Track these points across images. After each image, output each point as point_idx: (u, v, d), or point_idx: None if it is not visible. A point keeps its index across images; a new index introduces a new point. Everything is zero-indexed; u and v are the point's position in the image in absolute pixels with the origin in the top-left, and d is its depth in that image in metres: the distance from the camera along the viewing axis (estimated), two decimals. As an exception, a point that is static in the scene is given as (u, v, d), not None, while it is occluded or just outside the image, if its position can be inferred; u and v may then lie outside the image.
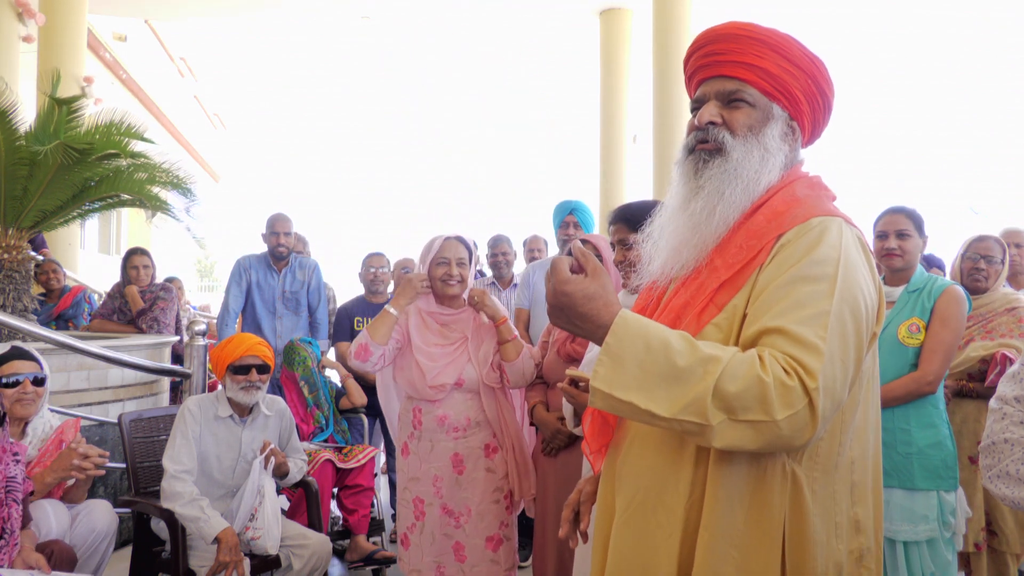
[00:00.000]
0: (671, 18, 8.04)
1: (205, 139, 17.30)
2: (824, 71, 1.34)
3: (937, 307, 2.53)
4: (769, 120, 1.32)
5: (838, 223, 1.24)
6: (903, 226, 2.64)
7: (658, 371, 1.12)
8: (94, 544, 2.68)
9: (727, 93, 1.32)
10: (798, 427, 1.10)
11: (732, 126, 1.31)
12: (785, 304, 1.16)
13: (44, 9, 7.76)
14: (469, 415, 2.69)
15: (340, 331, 4.61)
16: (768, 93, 1.32)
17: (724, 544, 1.20)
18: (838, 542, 1.23)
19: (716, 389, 1.10)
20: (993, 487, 1.28)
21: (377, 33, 11.06)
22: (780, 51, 1.31)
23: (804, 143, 1.40)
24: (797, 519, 1.20)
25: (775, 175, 1.31)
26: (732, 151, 1.29)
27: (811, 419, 1.10)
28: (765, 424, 1.10)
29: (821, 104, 1.36)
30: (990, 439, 1.29)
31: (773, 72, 1.30)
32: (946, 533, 2.44)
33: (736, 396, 1.10)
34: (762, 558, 1.20)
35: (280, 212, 4.83)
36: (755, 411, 1.10)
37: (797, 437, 1.11)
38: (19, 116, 4.15)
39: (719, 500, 1.21)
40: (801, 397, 1.10)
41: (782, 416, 1.09)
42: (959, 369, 3.09)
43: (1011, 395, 1.29)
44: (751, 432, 1.10)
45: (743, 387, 1.10)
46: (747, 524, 1.20)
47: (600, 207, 9.45)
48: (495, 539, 2.67)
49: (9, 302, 4.28)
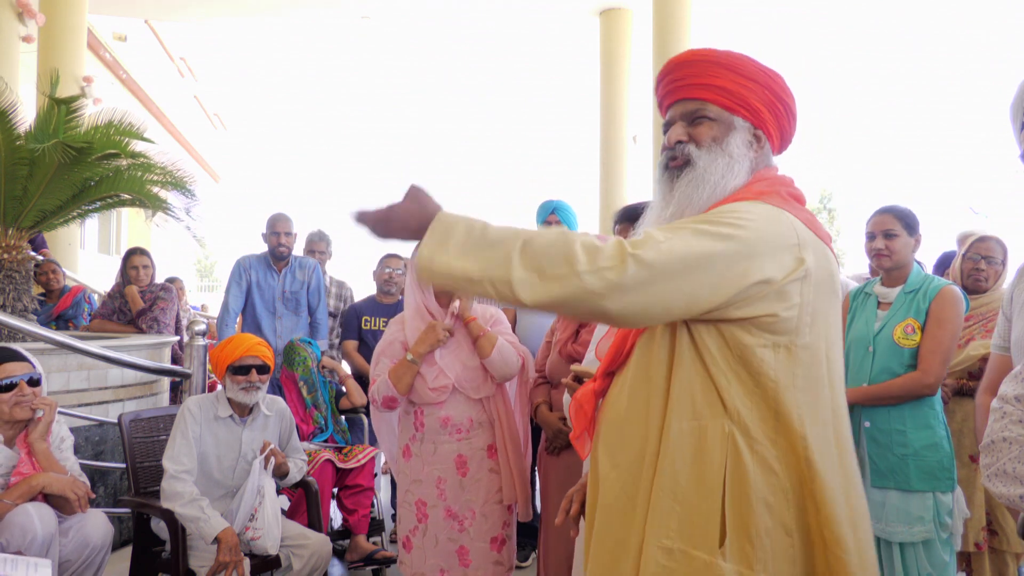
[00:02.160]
0: (671, 18, 8.05)
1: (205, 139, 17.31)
2: (780, 81, 1.45)
3: (932, 308, 2.51)
4: (732, 130, 1.42)
5: (766, 206, 1.32)
6: (889, 226, 2.63)
7: (475, 241, 1.22)
8: (89, 557, 2.63)
9: (690, 113, 1.44)
10: (600, 279, 1.17)
11: (697, 140, 1.42)
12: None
13: (44, 9, 7.76)
14: (471, 416, 2.69)
15: (348, 330, 4.60)
16: (728, 107, 1.42)
17: (668, 499, 1.28)
18: (788, 508, 1.27)
19: (523, 245, 1.19)
20: (991, 485, 1.28)
21: (377, 33, 11.06)
22: (734, 69, 1.42)
23: (776, 149, 1.50)
24: (737, 476, 1.27)
25: (741, 179, 1.41)
26: (698, 160, 1.41)
27: (618, 275, 1.17)
28: (570, 278, 1.17)
29: (783, 111, 1.46)
30: (990, 438, 1.30)
31: (730, 88, 1.41)
32: (943, 534, 2.44)
33: (542, 253, 1.18)
34: (703, 511, 1.27)
35: (280, 212, 4.82)
36: (560, 266, 1.18)
37: (597, 287, 1.17)
38: (19, 116, 4.15)
39: (665, 458, 1.30)
40: (612, 255, 1.18)
41: (587, 267, 1.17)
42: (959, 368, 3.09)
43: (1012, 394, 1.29)
44: (559, 287, 1.18)
45: (549, 244, 1.19)
46: (688, 480, 1.28)
47: (600, 207, 9.46)
48: (499, 539, 2.68)
49: (9, 302, 4.28)
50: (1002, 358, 1.86)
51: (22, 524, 2.41)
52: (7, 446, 2.62)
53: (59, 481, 2.57)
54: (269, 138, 19.02)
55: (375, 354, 2.80)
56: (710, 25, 9.93)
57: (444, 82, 13.66)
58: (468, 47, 11.65)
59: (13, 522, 2.40)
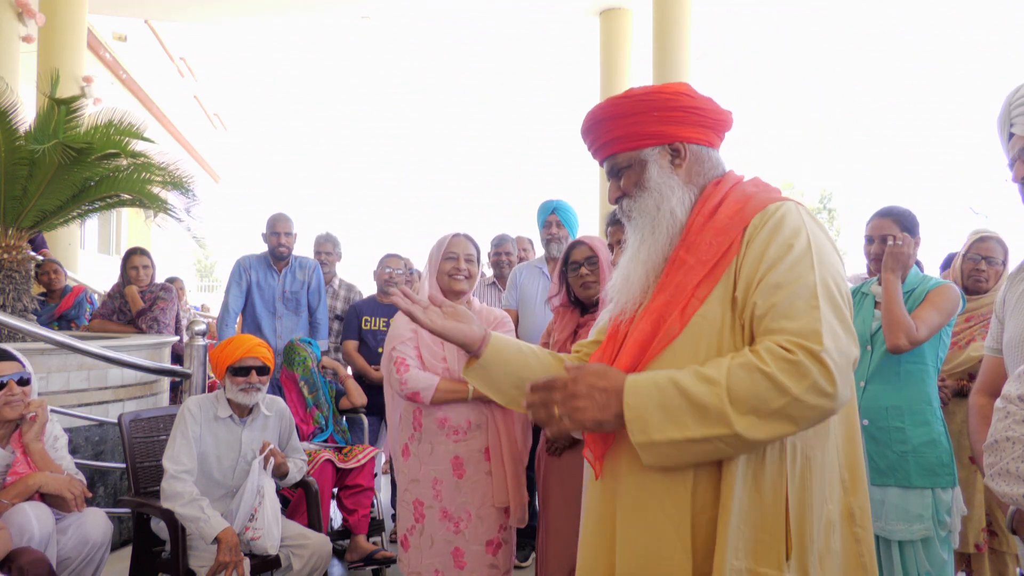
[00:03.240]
0: (671, 18, 8.06)
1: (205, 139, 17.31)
2: (662, 93, 1.47)
3: (929, 294, 2.53)
4: (645, 165, 1.47)
5: (791, 204, 1.39)
6: (887, 231, 2.64)
7: (676, 404, 1.24)
8: (88, 555, 2.64)
9: (610, 171, 1.54)
10: (820, 393, 1.19)
11: (627, 191, 1.51)
12: (776, 310, 1.27)
13: (44, 9, 7.76)
14: (469, 417, 2.68)
15: (348, 329, 4.60)
16: (632, 147, 1.48)
17: (738, 521, 1.27)
18: (829, 502, 1.33)
19: (730, 398, 1.20)
20: (995, 485, 1.29)
21: (377, 33, 11.06)
22: (615, 116, 1.48)
23: (712, 142, 1.51)
24: (802, 487, 1.29)
25: (681, 195, 1.45)
26: (633, 210, 1.49)
27: (829, 380, 1.19)
28: (789, 404, 1.19)
29: (689, 113, 1.47)
30: (993, 437, 1.30)
31: (620, 134, 1.47)
32: (942, 532, 2.44)
33: (750, 395, 1.20)
34: (769, 529, 1.28)
35: (281, 212, 4.82)
36: (775, 399, 1.19)
37: (826, 402, 1.20)
38: (19, 116, 4.15)
39: (734, 483, 1.28)
40: (810, 366, 1.19)
41: (800, 390, 1.18)
42: (959, 369, 3.09)
43: (1015, 394, 1.29)
44: (781, 420, 1.20)
45: (750, 385, 1.20)
46: (752, 499, 1.29)
47: (600, 207, 9.45)
48: (494, 543, 2.67)
49: (9, 302, 4.28)
50: (995, 360, 1.87)
51: (19, 523, 2.41)
52: (0, 446, 2.62)
53: (55, 480, 2.57)
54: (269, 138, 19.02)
55: (391, 339, 2.78)
56: (710, 25, 9.93)
57: (444, 82, 13.66)
58: (468, 47, 11.65)
59: (11, 521, 2.40)
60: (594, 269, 2.58)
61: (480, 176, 20.66)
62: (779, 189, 1.48)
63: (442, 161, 19.66)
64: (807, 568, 1.28)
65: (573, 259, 2.64)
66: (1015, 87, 1.57)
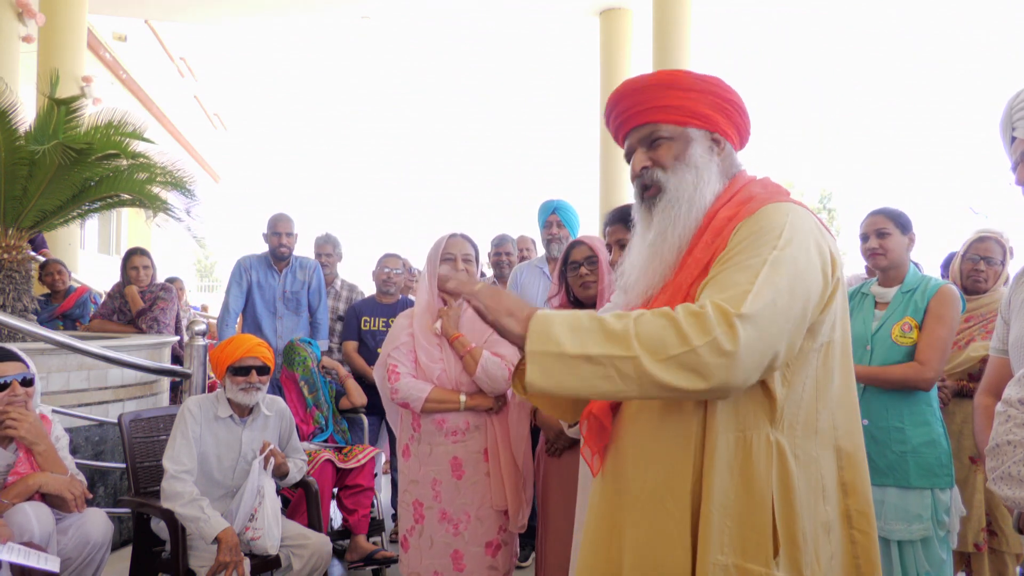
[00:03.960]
0: (671, 18, 8.06)
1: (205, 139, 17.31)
2: (721, 84, 1.48)
3: (931, 306, 2.54)
4: (690, 142, 1.44)
5: (788, 204, 1.35)
6: (881, 226, 2.66)
7: (585, 325, 1.21)
8: (89, 555, 2.63)
9: (646, 137, 1.47)
10: (718, 351, 1.15)
11: (661, 162, 1.45)
12: (715, 281, 1.26)
13: (44, 9, 7.76)
14: (468, 419, 2.68)
15: (348, 330, 4.60)
16: (680, 122, 1.44)
17: (720, 515, 1.26)
18: (825, 504, 1.31)
19: (636, 332, 1.18)
20: (997, 488, 1.29)
21: (377, 33, 11.06)
22: (672, 86, 1.45)
23: (737, 146, 1.52)
24: (783, 485, 1.27)
25: (716, 184, 1.43)
26: (667, 184, 1.43)
27: (732, 340, 1.15)
28: (687, 354, 1.15)
29: (732, 110, 1.48)
30: (994, 441, 1.30)
31: (676, 104, 1.44)
32: (940, 532, 2.45)
33: (654, 338, 1.17)
34: (755, 525, 1.26)
35: (281, 212, 4.82)
36: (674, 346, 1.16)
37: (724, 361, 1.15)
38: (19, 116, 4.15)
39: (713, 475, 1.27)
40: (715, 323, 1.16)
41: (700, 342, 1.15)
42: (959, 369, 3.10)
43: (1016, 398, 1.30)
44: (680, 368, 1.16)
45: (656, 329, 1.18)
46: (738, 494, 1.27)
47: (600, 207, 9.46)
48: (494, 544, 2.66)
49: (9, 302, 4.28)
50: (1000, 361, 1.87)
51: (20, 523, 2.41)
52: (1, 446, 2.62)
53: (56, 480, 2.57)
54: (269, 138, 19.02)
55: (387, 344, 2.78)
56: (710, 25, 9.93)
57: (444, 82, 13.66)
58: (468, 47, 11.65)
59: (11, 521, 2.40)
60: (594, 269, 2.58)
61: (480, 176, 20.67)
62: (788, 191, 1.46)
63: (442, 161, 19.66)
64: (800, 568, 1.26)
65: (573, 259, 2.64)
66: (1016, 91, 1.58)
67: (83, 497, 2.61)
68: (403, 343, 2.72)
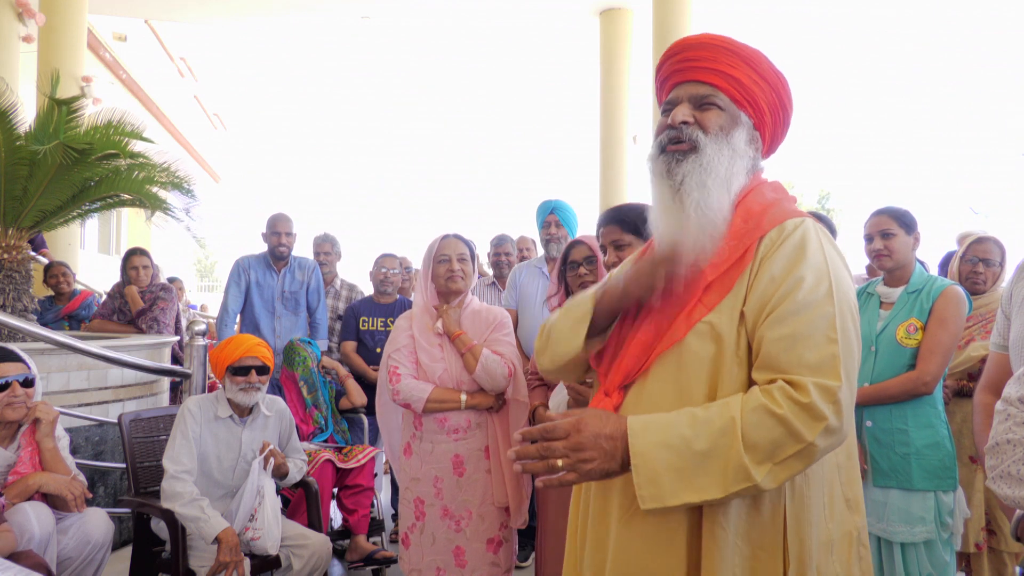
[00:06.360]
0: (671, 18, 8.06)
1: (205, 139, 17.30)
2: (788, 87, 1.42)
3: (935, 307, 2.51)
4: (737, 124, 1.38)
5: (810, 223, 1.32)
6: (886, 226, 2.65)
7: (690, 465, 1.17)
8: (90, 555, 2.63)
9: (700, 96, 1.38)
10: (832, 433, 1.17)
11: (704, 125, 1.36)
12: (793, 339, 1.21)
13: (44, 9, 7.76)
14: (469, 416, 2.69)
15: (346, 330, 4.60)
16: (737, 101, 1.38)
17: (731, 535, 1.24)
18: (828, 521, 1.29)
19: (746, 449, 1.15)
20: (996, 487, 1.29)
21: (377, 33, 11.06)
22: (751, 63, 1.38)
23: (764, 153, 1.46)
24: (798, 503, 1.26)
25: (743, 178, 1.38)
26: (705, 148, 1.34)
27: (839, 418, 1.17)
28: (804, 450, 1.16)
29: (782, 117, 1.44)
30: (994, 440, 1.30)
31: (743, 82, 1.37)
32: (944, 534, 2.44)
33: (766, 443, 1.16)
34: (767, 545, 1.25)
35: (281, 212, 4.82)
36: (790, 446, 1.16)
37: (836, 439, 1.19)
38: (19, 116, 4.15)
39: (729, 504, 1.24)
40: (824, 408, 1.16)
41: (814, 435, 1.16)
42: (960, 369, 3.09)
43: (1015, 396, 1.29)
44: (795, 461, 1.17)
45: (766, 432, 1.16)
46: (750, 514, 1.25)
47: (600, 207, 9.45)
48: (495, 540, 2.67)
49: (9, 302, 4.28)
50: (1001, 356, 1.87)
51: (20, 523, 2.41)
52: (1, 446, 2.62)
53: (56, 480, 2.57)
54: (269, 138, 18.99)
55: (389, 345, 2.79)
56: (710, 25, 9.93)
57: (444, 82, 13.65)
58: (468, 47, 11.65)
59: (11, 521, 2.40)
60: (593, 269, 2.58)
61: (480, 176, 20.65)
62: (795, 198, 1.44)
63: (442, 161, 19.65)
64: None
65: (572, 259, 2.64)
66: None
67: (83, 497, 2.61)
68: (404, 345, 2.73)
